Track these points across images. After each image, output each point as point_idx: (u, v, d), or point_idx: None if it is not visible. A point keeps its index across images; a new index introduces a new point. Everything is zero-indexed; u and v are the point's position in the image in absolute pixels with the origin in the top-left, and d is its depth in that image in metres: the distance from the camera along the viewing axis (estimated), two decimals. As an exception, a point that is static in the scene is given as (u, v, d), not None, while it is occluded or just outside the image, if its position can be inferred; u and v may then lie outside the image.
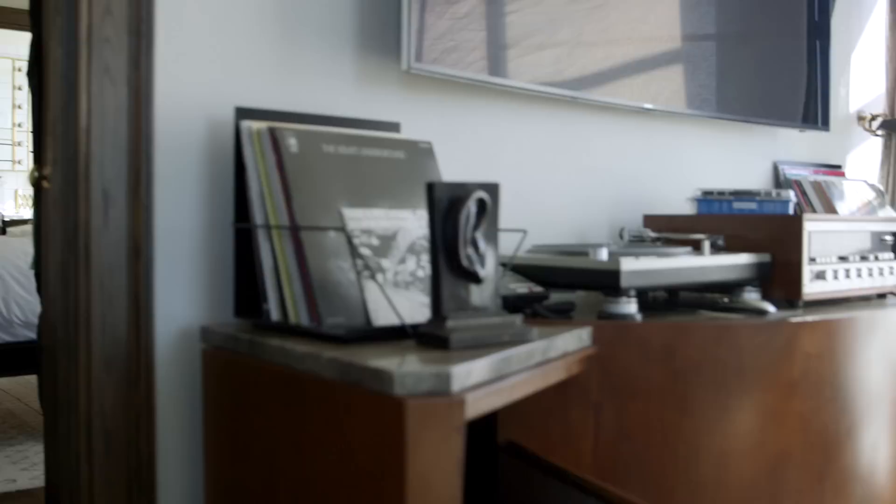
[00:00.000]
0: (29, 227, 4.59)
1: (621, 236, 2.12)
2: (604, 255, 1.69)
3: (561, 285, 1.75)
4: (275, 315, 1.44)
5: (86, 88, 1.46)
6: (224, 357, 1.48)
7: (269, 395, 1.35)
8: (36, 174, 2.58)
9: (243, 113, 1.52)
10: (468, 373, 1.16)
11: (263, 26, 1.68)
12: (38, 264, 2.67)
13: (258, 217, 1.46)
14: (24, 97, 8.17)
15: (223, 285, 1.61)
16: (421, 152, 1.65)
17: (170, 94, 1.56)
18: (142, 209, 1.50)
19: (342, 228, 1.42)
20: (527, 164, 2.14)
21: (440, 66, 1.80)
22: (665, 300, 2.08)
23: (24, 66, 8.08)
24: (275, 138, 1.45)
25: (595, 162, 2.30)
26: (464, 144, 2.00)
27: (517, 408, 1.56)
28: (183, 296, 1.58)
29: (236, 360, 1.44)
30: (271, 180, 1.45)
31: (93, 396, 1.48)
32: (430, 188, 1.29)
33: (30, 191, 8.00)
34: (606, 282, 1.66)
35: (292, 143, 1.46)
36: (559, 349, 1.44)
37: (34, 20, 2.69)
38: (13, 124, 8.20)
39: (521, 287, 1.69)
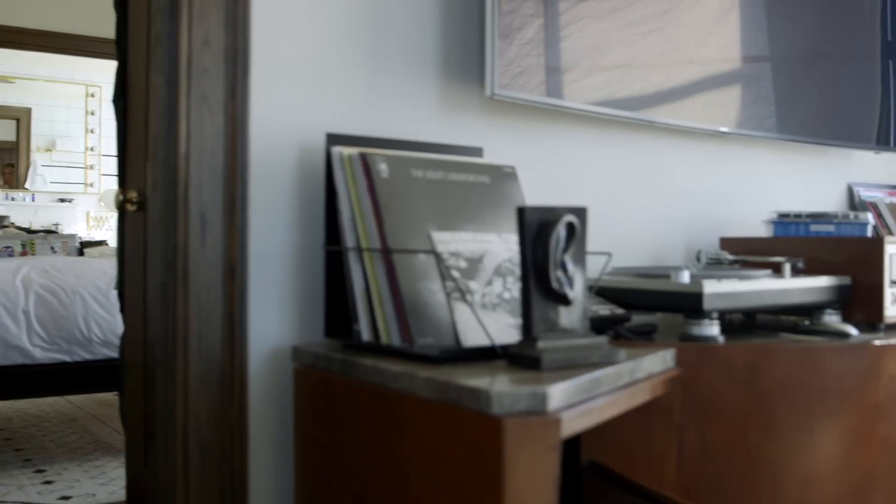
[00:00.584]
0: (105, 248, 4.71)
1: (698, 259, 2.12)
2: (686, 277, 1.71)
3: (641, 307, 1.77)
4: (366, 335, 1.47)
5: (185, 116, 1.52)
6: (315, 376, 1.52)
7: (362, 412, 1.39)
8: (121, 197, 2.67)
9: (334, 139, 1.57)
10: (562, 393, 1.18)
11: (352, 55, 1.73)
12: (122, 284, 2.74)
13: (349, 240, 1.50)
14: (97, 122, 8.40)
15: (313, 306, 1.66)
16: (504, 176, 1.69)
17: (264, 120, 1.61)
18: (237, 232, 1.55)
19: (434, 251, 1.46)
20: (604, 188, 2.16)
21: (522, 92, 1.83)
22: (741, 323, 2.08)
23: (97, 91, 8.32)
24: (366, 164, 1.50)
25: (670, 185, 2.32)
26: (543, 168, 2.03)
27: (600, 428, 1.58)
28: (274, 316, 1.63)
29: (328, 379, 1.48)
30: (363, 204, 1.49)
31: (189, 412, 1.53)
32: (521, 212, 1.33)
33: (101, 213, 8.21)
34: (688, 304, 1.67)
35: (383, 169, 1.51)
36: (645, 370, 1.46)
37: (120, 49, 2.78)
38: (86, 148, 8.43)
39: (603, 309, 1.72)
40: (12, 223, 5.36)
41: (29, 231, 5.06)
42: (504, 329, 1.48)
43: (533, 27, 1.90)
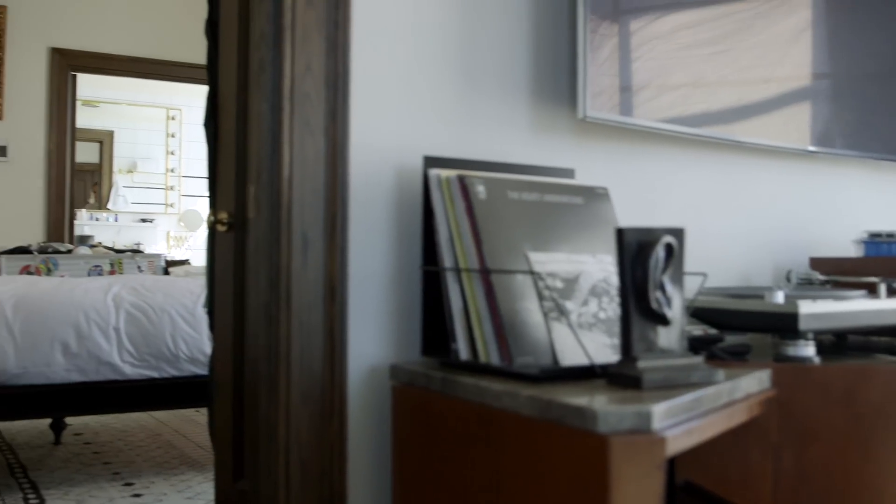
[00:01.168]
0: (190, 268, 4.82)
1: (788, 279, 2.11)
2: (780, 297, 1.70)
3: (733, 328, 1.77)
4: (464, 354, 1.50)
5: (288, 140, 1.57)
6: (414, 393, 1.55)
7: (462, 430, 1.41)
8: (212, 218, 2.74)
9: (431, 161, 1.61)
10: (666, 412, 1.19)
11: (446, 80, 1.77)
12: (212, 303, 2.81)
13: (447, 260, 1.53)
14: (177, 144, 8.61)
15: (409, 325, 1.69)
16: (597, 197, 1.70)
17: (362, 143, 1.66)
18: (337, 252, 1.60)
19: (532, 271, 1.48)
20: (691, 208, 2.16)
21: (612, 114, 1.85)
22: (833, 344, 2.06)
23: (177, 114, 8.54)
24: (464, 185, 1.53)
25: (756, 204, 2.31)
26: (630, 188, 2.04)
27: (694, 448, 1.58)
28: (372, 334, 1.66)
29: (427, 397, 1.51)
30: (461, 225, 1.52)
31: (291, 427, 1.57)
32: (620, 233, 1.34)
33: (181, 232, 8.40)
34: (783, 325, 1.66)
35: (481, 190, 1.54)
36: (743, 391, 1.46)
37: (211, 75, 2.86)
38: (166, 170, 8.65)
39: (696, 329, 1.72)
40: (99, 242, 5.52)
41: (116, 250, 5.20)
42: (600, 348, 1.50)
43: (620, 53, 1.92)
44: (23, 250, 4.56)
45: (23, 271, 4.36)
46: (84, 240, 6.23)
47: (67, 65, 6.38)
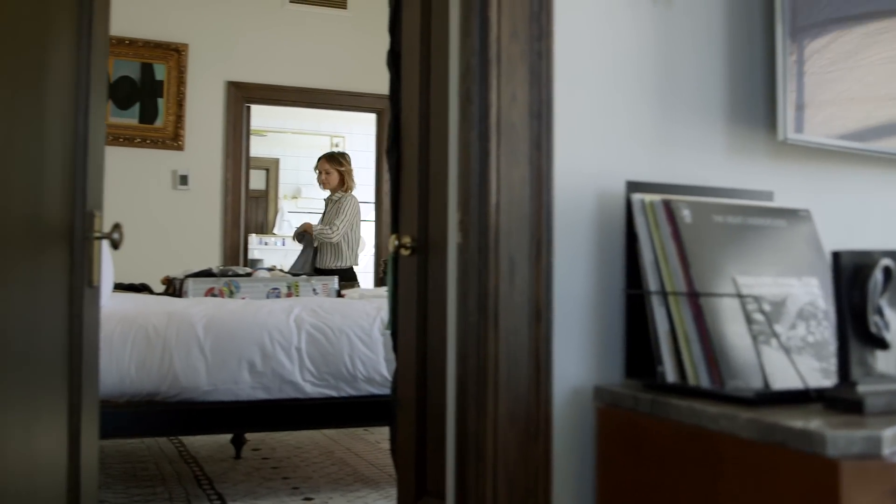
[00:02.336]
0: (363, 290, 4.98)
1: None
2: None
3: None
4: (671, 377, 1.52)
5: (495, 168, 1.63)
6: (620, 415, 1.57)
7: (674, 452, 1.43)
8: (396, 242, 2.84)
9: (632, 186, 1.64)
10: (894, 438, 1.18)
11: (643, 107, 1.80)
12: (395, 325, 2.91)
13: (652, 283, 1.56)
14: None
15: (610, 347, 1.72)
16: (800, 220, 1.69)
17: (564, 170, 1.70)
18: (542, 275, 1.64)
19: (742, 295, 1.49)
20: (892, 230, 2.11)
21: (813, 136, 1.83)
22: None
23: (340, 141, 8.83)
24: (669, 210, 1.55)
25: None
26: (827, 210, 2.01)
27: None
28: (575, 356, 1.70)
29: (634, 419, 1.53)
30: (666, 249, 1.55)
31: (499, 447, 1.62)
32: (836, 257, 1.34)
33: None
34: None
35: (686, 214, 1.56)
36: (965, 418, 1.43)
37: (393, 104, 2.97)
38: (329, 195, 8.94)
39: (906, 354, 1.68)
40: (273, 265, 5.78)
41: (293, 273, 5.43)
42: (810, 372, 1.49)
43: (818, 74, 1.90)
44: (207, 273, 4.82)
45: (207, 293, 4.60)
46: (254, 263, 6.53)
47: (242, 97, 6.72)
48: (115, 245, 2.06)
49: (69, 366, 2.01)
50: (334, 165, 6.37)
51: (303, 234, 6.32)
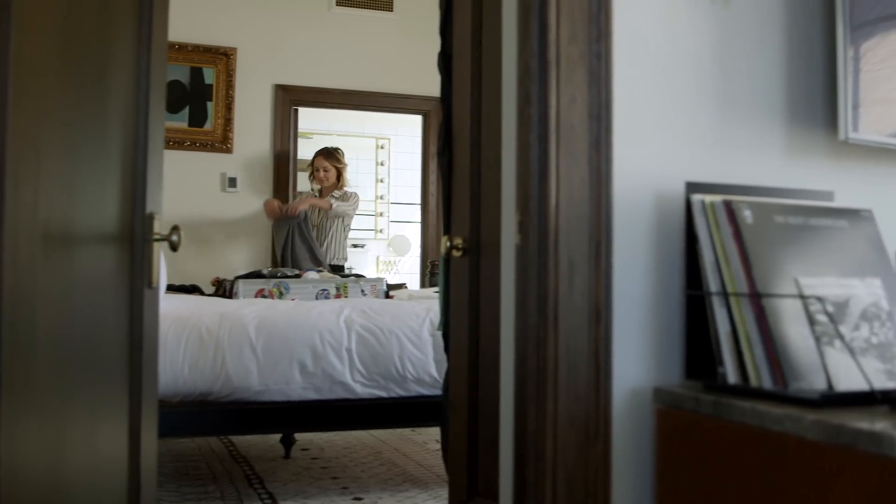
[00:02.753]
0: (412, 291, 5.00)
1: None
2: None
3: None
4: (732, 378, 1.51)
5: (555, 169, 1.64)
6: (680, 416, 1.57)
7: (737, 453, 1.42)
8: (448, 244, 2.86)
9: (692, 187, 1.63)
10: (965, 440, 1.17)
11: (701, 107, 1.80)
12: (447, 326, 2.92)
13: (712, 284, 1.55)
14: (386, 172, 8.94)
15: (668, 348, 1.72)
16: (862, 220, 1.68)
17: (623, 171, 1.70)
18: (601, 276, 1.65)
19: (805, 295, 1.48)
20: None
21: (876, 135, 1.82)
22: None
23: (386, 143, 8.86)
24: (730, 210, 1.55)
25: None
26: (892, 210, 1.99)
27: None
28: (633, 357, 1.70)
29: (695, 420, 1.53)
30: (727, 250, 1.54)
31: (558, 447, 1.62)
32: (904, 257, 1.33)
33: (390, 257, 8.70)
34: None
35: (747, 215, 1.55)
36: None
37: (445, 107, 2.98)
38: (375, 197, 8.99)
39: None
40: (324, 267, 5.82)
41: (341, 275, 5.46)
42: (874, 374, 1.48)
43: (883, 72, 1.88)
44: (257, 274, 4.87)
45: (258, 294, 4.65)
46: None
47: (290, 100, 6.78)
48: (174, 247, 2.09)
49: (130, 365, 2.05)
50: (333, 162, 6.34)
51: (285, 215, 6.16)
